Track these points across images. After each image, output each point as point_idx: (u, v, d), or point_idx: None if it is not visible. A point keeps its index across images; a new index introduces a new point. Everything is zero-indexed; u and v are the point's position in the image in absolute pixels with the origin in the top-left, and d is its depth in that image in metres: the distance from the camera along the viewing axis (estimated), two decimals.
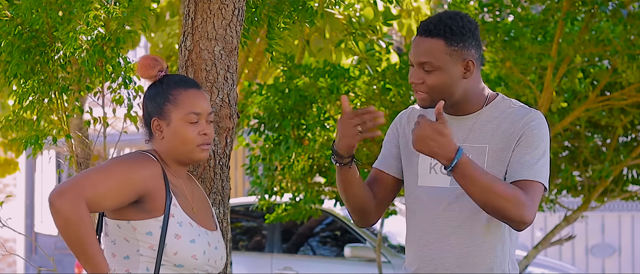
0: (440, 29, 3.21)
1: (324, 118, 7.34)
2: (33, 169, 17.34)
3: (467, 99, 3.29)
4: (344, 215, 10.14)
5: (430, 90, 3.24)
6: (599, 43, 6.92)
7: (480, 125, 3.29)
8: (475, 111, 3.30)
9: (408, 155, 3.38)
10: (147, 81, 3.36)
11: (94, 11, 4.54)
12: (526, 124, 3.23)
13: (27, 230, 16.89)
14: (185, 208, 3.26)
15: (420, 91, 3.25)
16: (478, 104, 3.31)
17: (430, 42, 3.22)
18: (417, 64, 3.25)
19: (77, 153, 4.92)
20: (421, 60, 3.23)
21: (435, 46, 3.21)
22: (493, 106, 3.31)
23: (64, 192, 3.07)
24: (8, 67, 4.62)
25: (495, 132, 3.26)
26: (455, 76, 3.23)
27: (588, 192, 7.99)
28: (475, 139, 3.28)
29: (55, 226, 3.10)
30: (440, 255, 3.28)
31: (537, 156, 3.21)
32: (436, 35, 3.21)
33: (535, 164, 3.20)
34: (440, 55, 3.21)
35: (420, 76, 3.24)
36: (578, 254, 14.75)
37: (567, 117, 7.34)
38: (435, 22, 3.23)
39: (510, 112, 3.28)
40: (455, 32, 3.21)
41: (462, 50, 3.22)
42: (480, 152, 3.26)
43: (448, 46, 3.21)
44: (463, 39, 3.22)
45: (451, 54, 3.21)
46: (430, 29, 3.22)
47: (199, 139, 3.27)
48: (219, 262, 3.31)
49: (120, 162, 3.21)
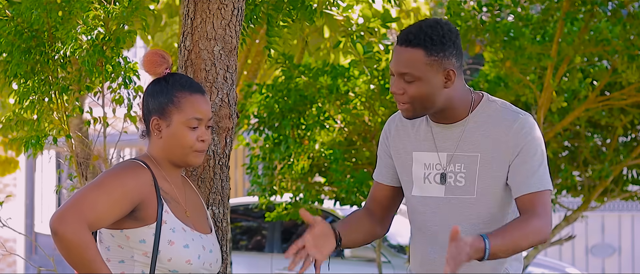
0: (420, 38, 3.18)
1: (323, 118, 7.34)
2: (33, 169, 17.34)
3: (452, 106, 3.27)
4: (343, 215, 10.14)
5: (412, 100, 3.22)
6: (599, 43, 6.92)
7: (469, 133, 3.27)
8: (462, 117, 3.29)
9: (401, 163, 3.38)
10: (151, 76, 3.34)
11: (93, 11, 4.54)
12: (518, 133, 3.22)
13: (27, 230, 16.89)
14: (178, 213, 3.24)
15: (401, 101, 3.24)
16: (464, 110, 3.28)
17: (410, 53, 3.19)
18: (397, 74, 3.22)
19: (77, 153, 4.93)
20: (401, 70, 3.20)
21: (415, 57, 3.18)
22: (480, 111, 3.29)
23: (65, 218, 3.04)
24: (8, 67, 4.63)
25: (486, 139, 3.25)
26: (436, 86, 3.20)
27: (588, 192, 7.99)
28: (466, 148, 3.27)
29: (59, 252, 3.09)
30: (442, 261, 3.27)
31: (537, 164, 3.21)
32: (416, 45, 3.18)
33: (537, 172, 3.20)
34: (420, 65, 3.18)
35: (400, 86, 3.22)
36: (578, 254, 14.75)
37: (567, 117, 7.34)
38: (415, 32, 3.20)
39: (497, 117, 3.26)
40: (436, 41, 3.17)
41: (443, 60, 3.18)
42: (472, 160, 3.25)
43: (428, 56, 3.17)
44: (443, 49, 3.18)
45: (431, 64, 3.18)
46: (410, 39, 3.19)
47: (197, 145, 3.27)
48: (214, 265, 3.31)
49: (114, 176, 3.18)
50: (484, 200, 3.23)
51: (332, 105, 7.27)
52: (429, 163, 3.30)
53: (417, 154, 3.33)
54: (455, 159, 3.27)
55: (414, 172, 3.33)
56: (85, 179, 4.88)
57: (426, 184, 3.31)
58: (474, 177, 3.24)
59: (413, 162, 3.33)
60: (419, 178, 3.32)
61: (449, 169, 3.27)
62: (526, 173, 3.19)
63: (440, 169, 3.28)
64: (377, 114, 7.25)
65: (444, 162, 3.28)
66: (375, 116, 7.27)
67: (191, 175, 3.81)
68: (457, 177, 3.26)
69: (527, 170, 3.19)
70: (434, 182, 3.29)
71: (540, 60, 7.11)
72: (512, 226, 3.13)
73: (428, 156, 3.31)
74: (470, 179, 3.25)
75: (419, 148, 3.33)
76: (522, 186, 3.20)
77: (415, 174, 3.33)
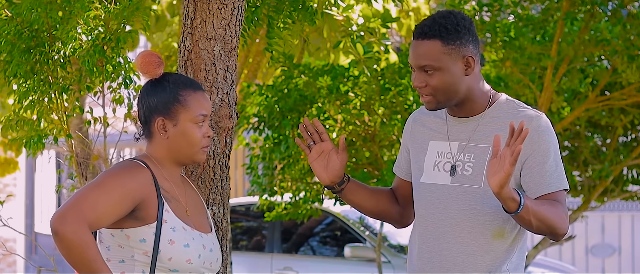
0: (435, 29, 3.22)
1: (323, 118, 7.35)
2: (33, 169, 17.33)
3: (472, 97, 3.30)
4: (344, 215, 10.14)
5: (435, 92, 3.26)
6: (599, 43, 6.92)
7: (484, 126, 3.30)
8: (479, 112, 3.32)
9: (416, 153, 3.41)
10: (145, 77, 3.33)
11: (94, 11, 4.54)
12: (534, 131, 3.24)
13: (27, 230, 16.89)
14: (178, 212, 3.24)
15: (424, 94, 3.28)
16: (482, 104, 3.32)
17: (427, 45, 3.23)
18: (417, 67, 3.26)
19: (77, 153, 4.93)
20: (421, 63, 3.24)
21: (433, 48, 3.22)
22: (497, 107, 3.32)
23: (65, 218, 3.04)
24: (8, 67, 4.63)
25: (501, 133, 3.26)
26: (456, 74, 3.24)
27: (588, 192, 7.99)
28: (479, 139, 3.29)
29: (59, 252, 3.09)
30: (438, 253, 3.29)
31: (554, 163, 3.25)
32: (432, 37, 3.22)
33: (555, 172, 3.24)
34: (439, 55, 3.22)
35: (422, 79, 3.25)
36: (578, 254, 14.75)
37: (567, 117, 7.34)
38: (429, 24, 3.24)
39: (514, 114, 3.29)
40: (451, 30, 3.21)
41: (460, 48, 3.23)
42: (483, 151, 3.27)
43: (445, 45, 3.22)
44: (459, 37, 3.22)
45: (449, 53, 3.22)
46: (425, 32, 3.23)
47: (204, 141, 3.28)
48: (215, 264, 3.31)
49: (114, 176, 3.18)
50: (490, 191, 3.24)
51: (332, 105, 7.27)
52: (441, 152, 3.33)
53: (433, 144, 3.37)
54: (465, 150, 3.30)
55: (426, 160, 3.36)
56: (85, 179, 4.88)
57: (435, 172, 3.33)
58: (482, 167, 3.26)
59: (428, 151, 3.36)
60: (429, 166, 3.35)
61: (458, 158, 3.29)
62: (545, 173, 3.23)
63: (451, 158, 3.30)
64: (377, 114, 7.25)
65: (454, 152, 3.30)
66: (375, 116, 7.27)
67: (191, 175, 3.81)
68: (465, 166, 3.28)
69: (546, 170, 3.23)
70: (443, 170, 3.31)
71: (540, 60, 7.12)
72: (542, 201, 3.19)
73: (441, 145, 3.34)
74: (478, 169, 3.26)
75: (434, 138, 3.37)
76: (542, 186, 3.24)
77: (426, 162, 3.36)
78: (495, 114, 3.31)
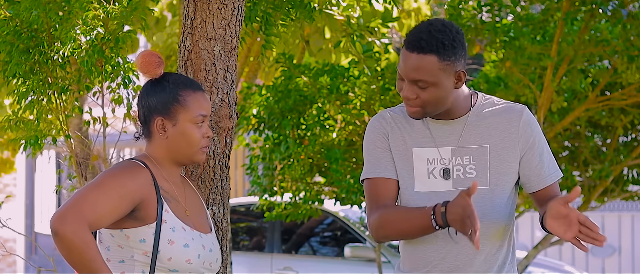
0: (432, 45, 3.15)
1: (323, 118, 7.34)
2: (33, 169, 17.34)
3: (457, 104, 3.28)
4: (344, 215, 10.14)
5: (424, 104, 3.21)
6: (599, 43, 6.92)
7: (472, 126, 3.28)
8: (464, 113, 3.30)
9: (402, 159, 3.33)
10: (145, 77, 3.33)
11: (93, 11, 4.54)
12: (526, 125, 3.26)
13: (27, 230, 16.90)
14: (178, 212, 3.24)
15: (413, 105, 3.22)
16: (465, 107, 3.30)
17: (423, 59, 3.15)
18: (409, 80, 3.20)
19: (77, 153, 4.93)
20: (415, 77, 3.17)
21: (430, 64, 3.15)
22: (479, 107, 3.31)
23: (65, 218, 3.04)
24: (7, 67, 4.62)
25: (493, 131, 3.26)
26: (448, 88, 3.20)
27: (588, 192, 7.99)
28: (472, 140, 3.28)
29: (59, 252, 3.09)
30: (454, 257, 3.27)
31: (547, 152, 3.30)
32: (429, 52, 3.15)
33: (550, 161, 3.30)
34: (434, 71, 3.16)
35: (414, 91, 3.19)
36: (578, 254, 14.74)
37: (567, 117, 7.34)
38: (426, 38, 3.15)
39: (501, 110, 3.29)
40: (447, 46, 3.15)
41: (454, 63, 3.17)
42: (482, 152, 3.26)
43: (441, 61, 3.16)
44: (454, 52, 3.17)
45: (444, 69, 3.17)
46: (422, 46, 3.15)
47: (203, 141, 3.28)
48: (214, 264, 3.31)
49: (113, 176, 3.17)
50: (498, 190, 3.24)
51: (332, 105, 7.27)
52: (431, 159, 3.29)
53: (418, 150, 3.31)
54: (460, 152, 3.27)
55: (415, 169, 3.31)
56: (85, 179, 4.88)
57: (431, 180, 3.29)
58: (486, 168, 3.25)
59: (414, 159, 3.31)
60: (422, 174, 3.30)
61: (455, 163, 3.27)
62: (544, 165, 3.27)
63: (444, 164, 3.28)
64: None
65: (447, 157, 3.28)
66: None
67: (191, 175, 3.80)
68: (467, 169, 3.26)
69: (543, 161, 3.27)
70: (439, 177, 3.28)
71: (540, 60, 7.12)
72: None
73: (429, 151, 3.30)
74: (482, 170, 3.25)
75: (418, 144, 3.31)
76: (546, 178, 3.27)
77: (417, 171, 3.31)
78: (480, 112, 3.30)
